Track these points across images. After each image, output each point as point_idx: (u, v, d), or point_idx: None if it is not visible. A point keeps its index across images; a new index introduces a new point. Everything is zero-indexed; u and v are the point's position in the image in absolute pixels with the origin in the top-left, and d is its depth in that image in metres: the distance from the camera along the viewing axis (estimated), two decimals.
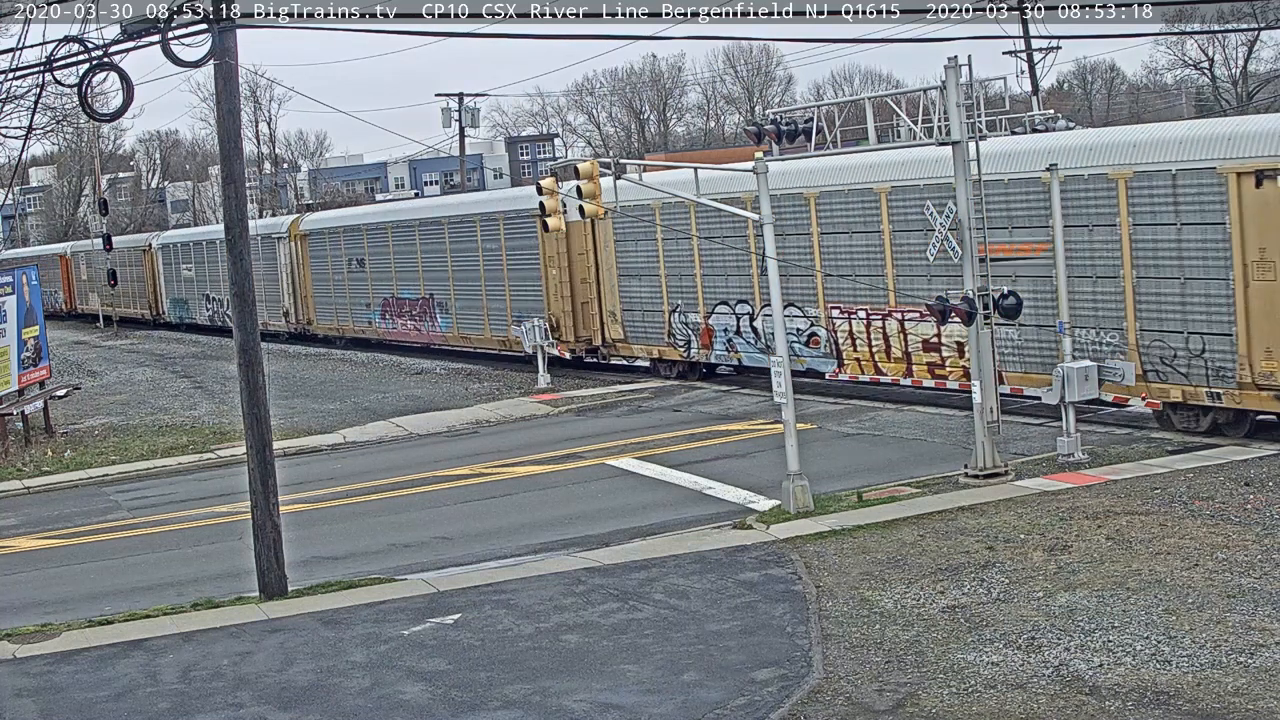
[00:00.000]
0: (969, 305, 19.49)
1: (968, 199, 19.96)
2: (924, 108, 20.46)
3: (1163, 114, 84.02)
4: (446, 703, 12.78)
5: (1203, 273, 20.80)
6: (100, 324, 66.20)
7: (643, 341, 32.75)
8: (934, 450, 22.52)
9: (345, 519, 21.78)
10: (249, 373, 17.28)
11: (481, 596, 16.11)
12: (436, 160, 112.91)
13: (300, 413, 32.21)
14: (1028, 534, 16.61)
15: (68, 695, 13.89)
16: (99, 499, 24.97)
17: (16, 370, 30.92)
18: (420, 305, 41.45)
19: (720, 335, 30.27)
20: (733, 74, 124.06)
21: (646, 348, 32.65)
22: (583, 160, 20.94)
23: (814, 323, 27.90)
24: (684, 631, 14.19)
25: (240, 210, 17.28)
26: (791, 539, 17.48)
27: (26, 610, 17.65)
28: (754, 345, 29.38)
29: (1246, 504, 17.01)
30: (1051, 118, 27.01)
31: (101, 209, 66.15)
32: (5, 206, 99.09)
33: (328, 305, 47.34)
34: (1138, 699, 11.46)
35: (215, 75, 17.08)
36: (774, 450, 21.69)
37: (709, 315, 30.43)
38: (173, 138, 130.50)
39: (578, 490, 22.26)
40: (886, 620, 13.99)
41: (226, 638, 15.38)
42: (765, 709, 11.94)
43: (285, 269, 49.61)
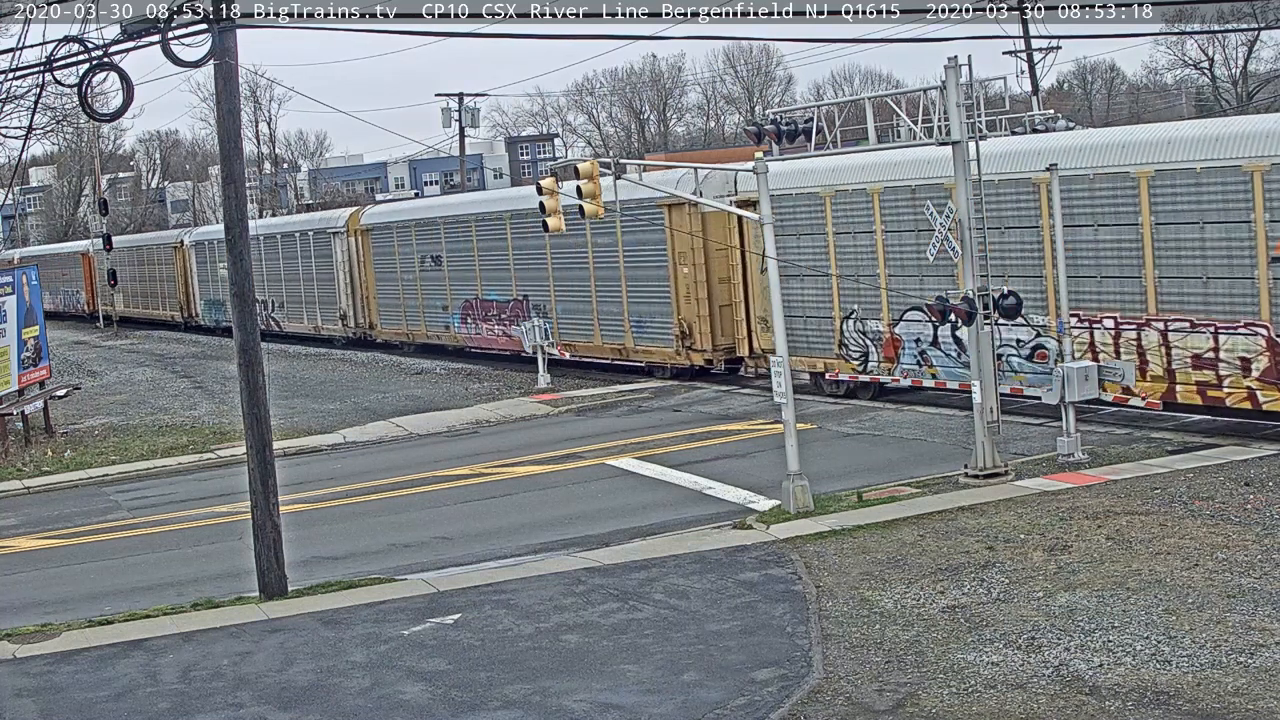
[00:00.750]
0: (969, 305, 19.51)
1: (967, 199, 19.96)
2: (924, 108, 20.47)
3: (1163, 114, 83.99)
4: (446, 703, 12.78)
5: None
6: (100, 324, 66.12)
7: (803, 353, 27.67)
8: (934, 450, 22.53)
9: (345, 519, 21.78)
10: (249, 373, 17.28)
11: (481, 596, 16.11)
12: (436, 160, 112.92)
13: (300, 413, 32.21)
14: (1028, 534, 16.61)
15: (68, 695, 13.89)
16: (99, 499, 24.97)
17: (16, 370, 30.92)
18: (511, 308, 36.95)
19: (909, 346, 25.78)
20: (733, 74, 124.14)
21: (808, 360, 27.78)
22: (583, 160, 20.94)
23: (1040, 333, 23.42)
24: (684, 631, 14.19)
25: (240, 210, 17.27)
26: (791, 539, 17.48)
27: (26, 610, 17.64)
28: (956, 360, 24.71)
29: (1246, 504, 17.01)
30: (1051, 118, 27.01)
31: (101, 209, 66.13)
32: (5, 206, 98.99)
33: (394, 308, 42.86)
34: (1138, 699, 11.46)
35: (215, 75, 17.08)
36: (774, 450, 21.69)
37: (895, 323, 25.95)
38: (173, 138, 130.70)
39: (578, 490, 22.26)
40: (886, 620, 13.99)
41: (226, 638, 15.38)
42: (765, 709, 11.94)
43: (342, 267, 45.35)
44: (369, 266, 44.03)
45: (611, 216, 29.71)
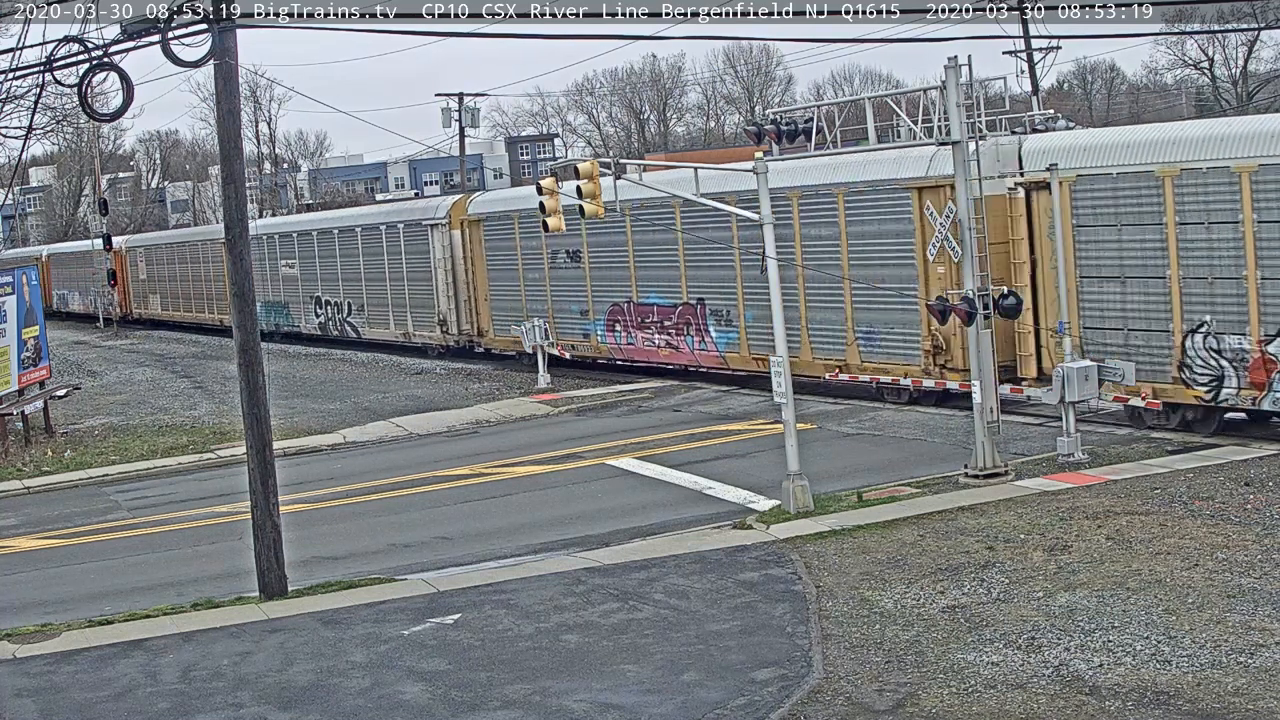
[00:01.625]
0: (969, 305, 19.50)
1: (967, 199, 19.95)
2: (924, 108, 20.47)
3: (1163, 114, 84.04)
4: (446, 703, 12.78)
5: None
6: (100, 324, 66.08)
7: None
8: (934, 450, 22.52)
9: (345, 519, 21.78)
10: (249, 373, 17.28)
11: (481, 596, 16.10)
12: (436, 160, 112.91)
13: (300, 413, 32.21)
14: (1028, 534, 16.61)
15: (68, 695, 13.88)
16: (99, 499, 24.97)
17: (16, 370, 30.92)
18: (679, 314, 31.12)
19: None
20: (733, 74, 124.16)
21: (1136, 383, 21.96)
22: (582, 160, 20.95)
23: None
24: (684, 631, 14.19)
25: (240, 210, 17.27)
26: (791, 539, 17.48)
27: (26, 610, 17.64)
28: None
29: (1246, 504, 17.01)
30: (1051, 118, 26.99)
31: (101, 209, 66.10)
32: (5, 206, 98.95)
33: (511, 313, 36.53)
34: (1138, 699, 11.46)
35: (215, 75, 17.09)
36: (774, 450, 21.69)
37: (1269, 340, 20.23)
38: (173, 138, 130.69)
39: (578, 490, 22.25)
40: (886, 620, 13.99)
41: (226, 638, 15.38)
42: (765, 709, 11.94)
43: (442, 265, 39.59)
44: (479, 264, 38.09)
45: (827, 200, 25.83)
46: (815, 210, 27.12)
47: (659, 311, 31.68)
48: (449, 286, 39.49)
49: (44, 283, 58.96)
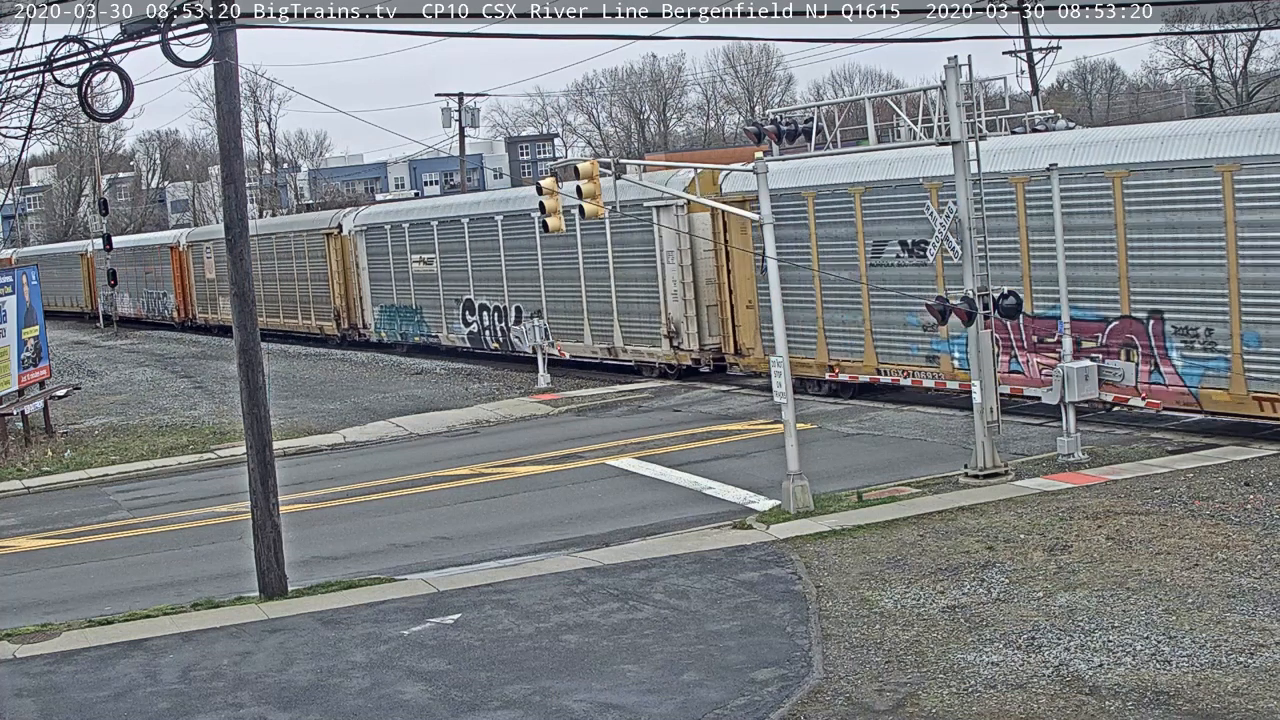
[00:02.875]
0: (969, 305, 19.50)
1: (967, 198, 19.95)
2: (924, 108, 20.46)
3: (1163, 114, 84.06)
4: (446, 703, 12.78)
5: None
6: (100, 323, 66.08)
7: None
8: (934, 450, 22.52)
9: (345, 519, 21.78)
10: (249, 373, 17.29)
11: (481, 596, 16.10)
12: (436, 160, 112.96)
13: (300, 413, 32.21)
14: (1028, 534, 16.61)
15: (68, 695, 13.88)
16: (99, 499, 24.97)
17: (16, 370, 30.92)
18: (1113, 333, 21.89)
19: None
20: (733, 74, 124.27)
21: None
22: (582, 160, 20.95)
23: None
24: (684, 631, 14.19)
25: (240, 210, 17.28)
26: (791, 539, 17.48)
27: (26, 610, 17.64)
28: None
29: (1246, 504, 17.01)
30: (1051, 118, 27.01)
31: (101, 209, 66.11)
32: (5, 206, 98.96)
33: (804, 325, 27.24)
34: (1138, 699, 11.46)
35: (215, 75, 17.09)
36: (774, 450, 21.69)
37: None
38: (173, 138, 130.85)
39: (578, 490, 22.25)
40: (886, 620, 13.99)
41: (226, 638, 15.38)
42: (765, 709, 11.94)
43: (673, 258, 30.86)
44: (740, 258, 28.91)
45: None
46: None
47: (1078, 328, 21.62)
48: (683, 288, 30.77)
49: None
